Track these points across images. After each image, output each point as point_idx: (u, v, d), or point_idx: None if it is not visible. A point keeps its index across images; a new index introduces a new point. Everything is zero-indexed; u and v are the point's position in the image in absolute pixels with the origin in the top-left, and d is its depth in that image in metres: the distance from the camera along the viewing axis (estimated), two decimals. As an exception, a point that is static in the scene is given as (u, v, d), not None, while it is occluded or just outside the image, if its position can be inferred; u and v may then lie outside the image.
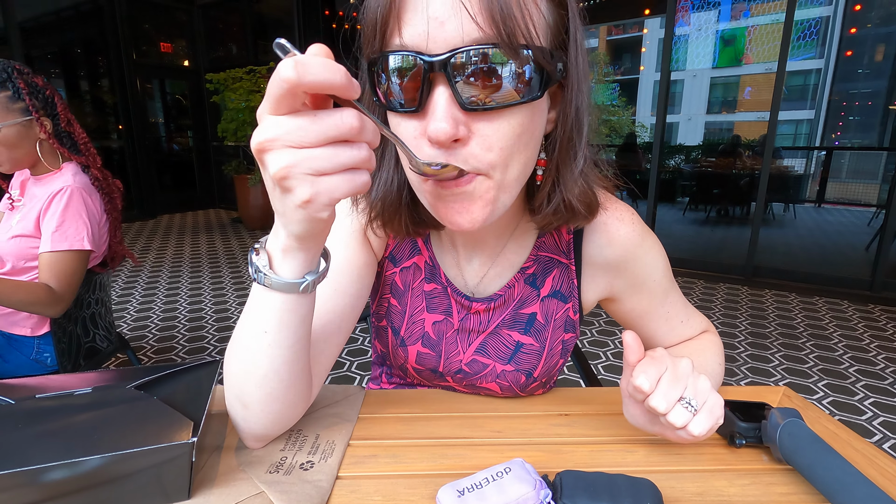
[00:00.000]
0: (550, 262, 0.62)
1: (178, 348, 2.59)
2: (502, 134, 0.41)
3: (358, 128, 0.32)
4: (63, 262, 1.22)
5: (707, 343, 0.67)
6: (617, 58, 24.93)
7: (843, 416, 1.99)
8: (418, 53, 0.39)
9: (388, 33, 0.40)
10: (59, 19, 6.01)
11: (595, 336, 2.79)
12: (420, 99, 0.40)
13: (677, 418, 0.44)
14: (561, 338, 0.63)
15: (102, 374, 0.51)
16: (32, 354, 1.34)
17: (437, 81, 0.39)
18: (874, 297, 3.36)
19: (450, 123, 0.39)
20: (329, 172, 0.32)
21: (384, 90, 0.42)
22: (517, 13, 0.38)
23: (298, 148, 0.31)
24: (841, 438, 0.55)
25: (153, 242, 5.16)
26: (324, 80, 0.29)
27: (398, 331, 0.65)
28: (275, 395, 0.47)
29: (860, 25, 18.00)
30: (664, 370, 0.45)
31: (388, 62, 0.41)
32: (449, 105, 0.39)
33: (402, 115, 0.42)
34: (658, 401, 0.44)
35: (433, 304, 0.63)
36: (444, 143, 0.40)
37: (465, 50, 0.38)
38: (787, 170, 7.52)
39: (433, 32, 0.38)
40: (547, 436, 0.56)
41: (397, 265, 0.64)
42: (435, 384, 0.68)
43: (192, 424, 0.42)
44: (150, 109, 6.92)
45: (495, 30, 0.37)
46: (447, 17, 0.38)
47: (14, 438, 0.40)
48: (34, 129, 1.24)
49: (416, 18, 0.38)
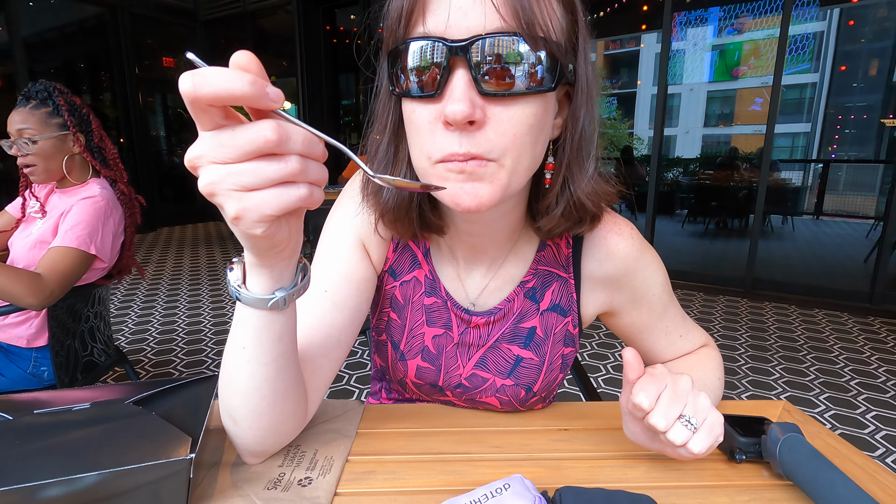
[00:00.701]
0: (550, 275, 0.62)
1: (175, 361, 2.58)
2: (517, 121, 0.43)
3: (275, 140, 0.30)
4: (62, 257, 1.23)
5: (706, 357, 0.66)
6: (615, 72, 25.20)
7: (845, 429, 1.97)
8: (440, 39, 0.40)
9: (413, 22, 0.42)
10: (63, 34, 6.08)
11: (595, 349, 2.78)
12: (439, 83, 0.41)
13: (677, 436, 0.44)
14: (560, 352, 0.63)
15: (101, 389, 0.51)
16: (29, 368, 1.34)
17: (456, 66, 0.41)
18: (874, 309, 3.36)
19: (468, 105, 0.40)
20: (256, 188, 0.31)
21: (402, 77, 0.43)
22: (536, 8, 0.40)
23: (222, 164, 0.31)
24: (841, 453, 0.55)
25: (152, 255, 5.16)
26: (223, 91, 0.28)
27: (398, 345, 0.65)
28: (259, 411, 0.46)
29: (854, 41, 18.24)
30: (664, 387, 0.45)
31: (410, 49, 0.42)
32: (467, 88, 0.41)
33: (420, 101, 0.44)
34: (658, 418, 0.44)
35: (433, 317, 0.63)
36: (461, 123, 0.41)
37: (487, 37, 0.40)
38: (785, 182, 7.56)
39: (456, 20, 0.40)
40: (547, 451, 0.55)
41: (397, 279, 0.64)
42: (434, 399, 0.68)
43: (191, 440, 0.42)
44: (151, 123, 6.98)
45: (516, 20, 0.39)
46: (470, 6, 0.40)
47: (12, 455, 0.40)
48: (69, 143, 1.32)
49: (440, 7, 0.40)
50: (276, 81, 5.79)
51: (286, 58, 6.51)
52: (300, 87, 6.07)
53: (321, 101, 6.30)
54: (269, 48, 6.76)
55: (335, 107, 6.59)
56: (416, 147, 0.47)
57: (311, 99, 6.17)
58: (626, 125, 20.70)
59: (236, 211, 0.32)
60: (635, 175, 6.94)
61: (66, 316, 1.32)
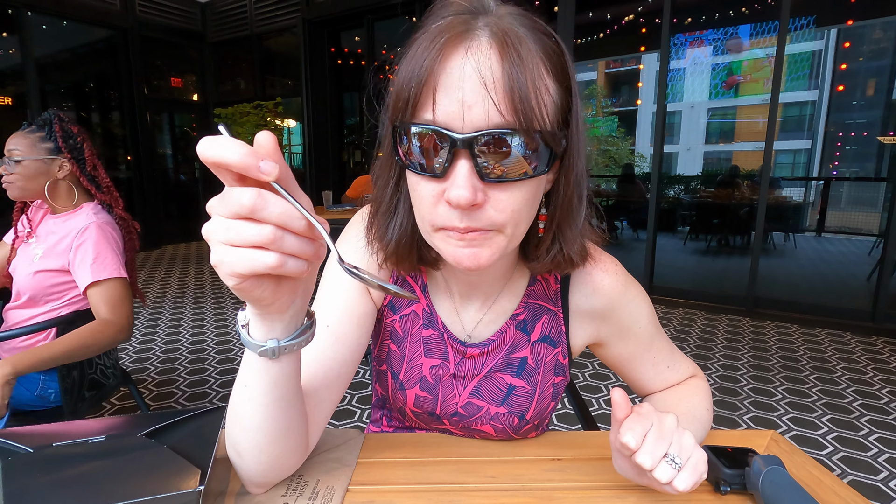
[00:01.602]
0: (540, 308, 0.66)
1: (179, 381, 2.59)
2: (514, 200, 0.47)
3: (249, 207, 0.33)
4: (110, 290, 1.31)
5: (694, 389, 0.69)
6: (615, 90, 25.48)
7: (848, 451, 1.97)
8: (448, 130, 0.44)
9: (420, 107, 0.45)
10: (75, 56, 6.24)
11: (597, 369, 2.78)
12: (444, 167, 0.45)
13: (662, 474, 0.46)
14: (551, 381, 0.66)
15: (114, 420, 0.53)
16: (37, 390, 1.36)
17: (461, 155, 0.45)
18: (877, 328, 3.35)
19: (470, 191, 0.44)
20: (234, 244, 0.34)
21: (407, 152, 0.47)
22: (533, 102, 0.43)
23: (219, 216, 0.34)
24: (825, 484, 0.57)
25: (157, 272, 5.21)
26: (219, 158, 0.32)
27: (397, 375, 0.67)
28: (260, 447, 0.48)
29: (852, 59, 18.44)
30: (650, 426, 0.48)
31: (417, 132, 0.46)
32: (470, 175, 0.45)
33: (424, 178, 0.47)
34: (644, 457, 0.46)
35: (430, 349, 0.66)
36: (464, 207, 0.45)
37: (489, 133, 0.44)
38: (786, 199, 7.58)
39: (462, 114, 0.44)
40: (539, 481, 0.57)
41: (397, 313, 0.67)
42: (433, 427, 0.70)
43: (199, 473, 0.45)
44: (158, 141, 7.10)
45: (514, 117, 0.43)
46: (474, 103, 0.43)
47: (32, 485, 0.42)
48: (54, 167, 1.35)
49: (448, 100, 0.44)
50: (281, 101, 5.92)
51: (292, 78, 6.65)
52: (305, 107, 6.18)
53: (325, 120, 6.40)
54: (276, 69, 6.90)
55: (339, 125, 6.69)
56: (419, 213, 0.51)
57: (316, 118, 6.28)
58: (628, 143, 20.85)
59: (215, 259, 0.35)
60: (635, 192, 7.00)
61: (74, 339, 1.34)
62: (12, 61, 5.49)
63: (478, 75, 0.43)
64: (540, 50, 0.45)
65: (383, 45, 5.96)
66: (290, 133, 6.95)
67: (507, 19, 0.45)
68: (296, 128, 6.85)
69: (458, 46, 0.44)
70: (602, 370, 2.76)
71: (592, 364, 2.85)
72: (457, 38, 0.44)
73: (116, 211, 1.42)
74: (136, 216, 5.34)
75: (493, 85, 0.43)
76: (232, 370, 2.72)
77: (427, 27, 0.47)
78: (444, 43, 0.44)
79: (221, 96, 7.28)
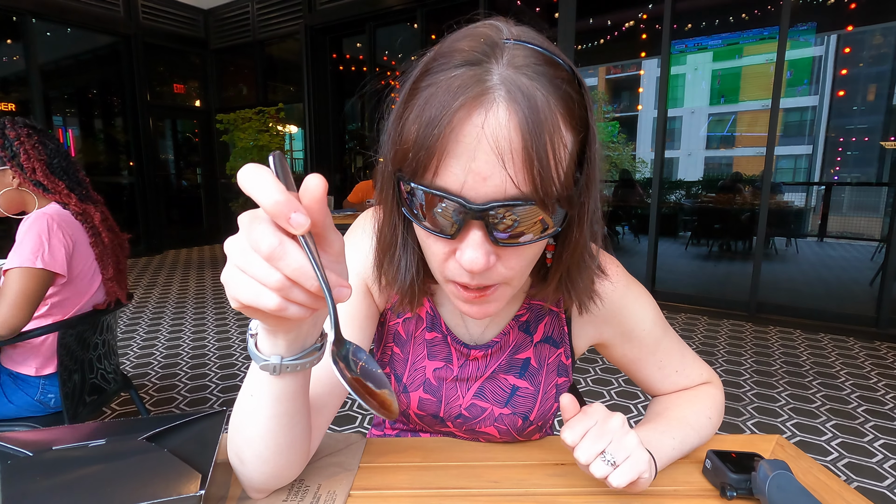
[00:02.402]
0: (542, 309, 0.66)
1: (179, 386, 2.58)
2: (524, 259, 0.47)
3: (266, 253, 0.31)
4: (11, 281, 1.23)
5: (702, 395, 0.68)
6: (616, 96, 25.57)
7: (853, 457, 1.95)
8: (462, 200, 0.41)
9: (430, 171, 0.42)
10: (78, 62, 6.28)
11: (598, 374, 2.77)
12: (455, 232, 0.43)
13: (596, 470, 0.48)
14: (554, 381, 0.66)
15: (115, 424, 0.53)
16: (37, 395, 1.36)
17: (473, 224, 0.43)
18: (880, 333, 3.33)
19: (484, 258, 0.43)
20: (244, 271, 0.33)
21: (415, 207, 0.44)
22: (552, 171, 0.40)
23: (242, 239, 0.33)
24: (832, 489, 0.56)
25: (158, 278, 5.21)
26: (252, 194, 0.31)
27: (401, 377, 0.67)
28: (263, 457, 0.48)
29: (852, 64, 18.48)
30: (592, 424, 0.50)
31: (426, 195, 0.42)
32: (482, 242, 0.43)
33: (434, 236, 0.46)
34: (580, 453, 0.49)
35: (434, 351, 0.66)
36: (477, 272, 0.44)
37: (505, 204, 0.41)
38: (788, 204, 7.58)
39: (475, 184, 0.41)
40: (543, 486, 0.57)
41: (400, 316, 0.67)
42: (436, 430, 0.70)
43: (200, 477, 0.44)
44: (161, 147, 7.13)
45: (532, 188, 0.40)
46: (490, 174, 0.40)
47: (32, 489, 0.42)
48: (7, 177, 1.34)
49: (458, 167, 0.40)
50: (283, 107, 5.94)
51: (294, 84, 6.69)
52: (307, 113, 6.21)
53: (327, 126, 6.43)
54: (278, 75, 6.94)
55: (341, 131, 6.72)
56: (430, 264, 0.50)
57: (318, 124, 6.30)
58: (629, 148, 20.89)
59: (225, 277, 0.34)
60: (636, 198, 7.01)
61: (75, 344, 1.34)
62: (16, 68, 5.53)
63: (495, 147, 0.39)
64: (559, 103, 0.41)
65: (385, 51, 6.00)
66: (292, 139, 6.98)
67: (524, 71, 0.40)
68: (297, 133, 6.87)
69: (473, 113, 0.40)
70: (604, 375, 2.75)
71: (595, 370, 2.83)
72: (472, 103, 0.39)
73: (71, 207, 1.37)
74: (138, 222, 5.31)
75: (511, 157, 0.39)
76: (233, 376, 2.72)
77: (436, 77, 0.42)
78: (458, 108, 0.39)
79: (224, 102, 7.32)
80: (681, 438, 0.59)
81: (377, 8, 5.51)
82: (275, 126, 5.70)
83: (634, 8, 5.07)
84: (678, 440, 0.59)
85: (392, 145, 0.45)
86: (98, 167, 6.51)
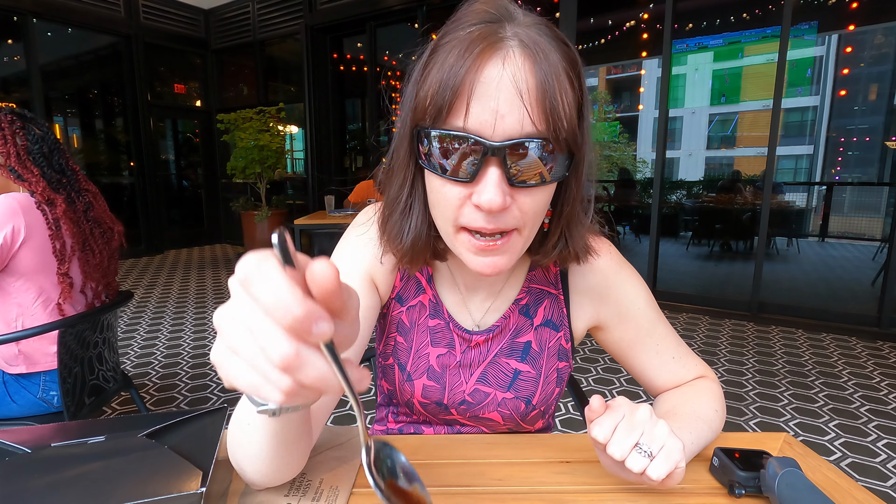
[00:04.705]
0: (541, 293, 0.68)
1: (180, 386, 2.58)
2: (536, 203, 0.50)
3: (280, 364, 0.25)
4: None
5: (703, 388, 0.67)
6: (616, 96, 25.54)
7: (856, 457, 1.94)
8: (481, 138, 0.45)
9: (452, 114, 0.46)
10: (79, 62, 6.28)
11: (601, 374, 2.76)
12: (473, 173, 0.47)
13: (634, 464, 0.47)
14: (555, 366, 0.68)
15: (114, 421, 0.52)
16: (39, 393, 1.35)
17: (492, 162, 0.46)
18: (883, 333, 3.32)
19: (501, 197, 0.46)
20: (246, 362, 0.26)
21: (432, 156, 0.48)
22: (561, 111, 0.45)
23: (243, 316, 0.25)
24: (841, 487, 0.55)
25: (159, 277, 5.20)
26: (255, 297, 0.25)
27: (404, 366, 0.68)
28: (263, 471, 0.48)
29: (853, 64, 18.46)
30: (621, 418, 0.48)
31: (446, 138, 0.46)
32: (500, 181, 0.46)
33: (450, 181, 0.48)
34: (614, 448, 0.47)
35: (437, 338, 0.68)
36: (495, 211, 0.47)
37: (521, 141, 0.45)
38: (789, 204, 7.56)
39: (495, 122, 0.45)
40: (548, 484, 0.56)
41: (404, 304, 0.68)
42: (440, 419, 0.70)
43: (201, 474, 0.44)
44: (161, 147, 7.13)
45: (546, 125, 0.45)
46: (508, 112, 0.45)
47: (30, 487, 0.41)
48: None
49: (481, 108, 0.45)
50: (284, 107, 5.94)
51: (294, 84, 6.69)
52: (307, 113, 6.20)
53: (328, 126, 6.43)
54: (278, 75, 6.93)
55: (341, 131, 6.71)
56: (441, 214, 0.52)
57: (318, 124, 6.30)
58: (630, 148, 20.85)
59: (216, 359, 0.27)
60: (636, 198, 7.00)
61: (74, 343, 1.34)
62: (17, 68, 5.52)
63: (514, 85, 0.44)
64: (563, 58, 0.46)
65: (385, 51, 5.99)
66: (293, 139, 6.97)
67: (533, 29, 0.47)
68: (298, 133, 6.87)
69: (493, 56, 0.45)
70: (606, 375, 2.74)
71: (596, 369, 2.83)
72: (491, 49, 0.45)
73: (37, 195, 1.33)
74: (139, 222, 5.29)
75: (528, 95, 0.44)
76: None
77: (455, 34, 0.47)
78: (480, 52, 0.44)
79: (224, 102, 7.31)
80: (696, 433, 0.59)
81: (378, 8, 5.50)
82: (275, 126, 5.70)
83: (635, 8, 5.06)
84: (694, 435, 0.58)
85: (412, 103, 0.49)
86: (99, 167, 6.50)
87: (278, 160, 5.67)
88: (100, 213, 1.47)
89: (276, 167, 5.74)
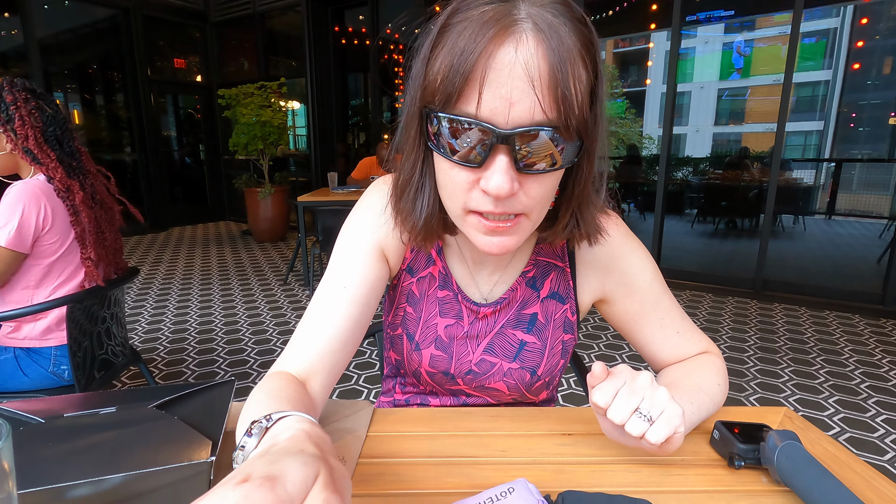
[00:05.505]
0: (548, 265, 0.69)
1: (188, 360, 2.62)
2: (544, 188, 0.50)
3: None
4: None
5: (707, 362, 0.68)
6: (624, 70, 25.04)
7: (855, 433, 1.97)
8: (491, 125, 0.45)
9: (462, 100, 0.45)
10: (77, 36, 6.18)
11: (603, 350, 2.78)
12: (482, 159, 0.46)
13: (633, 428, 0.47)
14: (561, 338, 0.69)
15: (125, 392, 0.53)
16: (50, 367, 1.38)
17: (501, 149, 0.46)
18: (886, 311, 3.32)
19: (509, 183, 0.46)
20: None
21: (441, 139, 0.48)
22: (573, 98, 0.44)
23: None
24: (840, 460, 0.56)
25: (164, 255, 5.24)
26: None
27: (413, 336, 0.70)
28: None
29: (868, 37, 17.95)
30: (622, 384, 0.49)
31: (456, 123, 0.46)
32: (508, 167, 0.46)
33: (459, 166, 0.48)
34: (614, 413, 0.48)
35: (445, 309, 0.69)
36: (503, 197, 0.47)
37: (531, 129, 0.45)
38: (797, 182, 7.48)
39: (505, 109, 0.44)
40: (550, 455, 0.57)
41: (414, 276, 0.70)
42: (447, 389, 0.72)
43: (211, 444, 0.44)
44: (163, 124, 7.07)
45: (557, 113, 0.44)
46: (519, 99, 0.44)
47: (44, 455, 0.42)
48: (2, 141, 1.32)
49: (492, 95, 0.44)
50: (285, 82, 5.85)
51: (295, 58, 6.57)
52: (309, 88, 6.12)
53: (330, 101, 6.34)
54: (279, 49, 6.81)
55: (344, 106, 6.63)
56: (450, 197, 0.52)
57: (320, 99, 6.22)
58: (637, 124, 20.56)
59: None
60: (642, 174, 6.93)
61: (82, 317, 1.35)
62: (15, 42, 5.45)
63: (525, 73, 0.43)
64: (578, 40, 0.45)
65: (387, 23, 5.86)
66: (295, 115, 6.90)
67: (549, 9, 0.45)
68: (300, 109, 6.79)
69: (505, 41, 0.43)
70: (608, 351, 2.77)
71: (599, 346, 2.85)
72: (503, 33, 0.43)
73: (56, 182, 1.34)
74: (142, 200, 5.29)
75: (540, 82, 0.43)
76: (240, 350, 2.75)
77: (466, 13, 0.45)
78: (493, 36, 0.43)
79: (225, 77, 7.21)
80: (698, 404, 0.59)
81: (380, -22, 5.36)
82: (277, 101, 5.63)
83: (645, -23, 4.91)
84: (696, 405, 0.59)
85: (421, 82, 0.48)
86: (100, 144, 6.47)
87: (280, 136, 5.61)
88: (103, 194, 1.48)
89: (279, 143, 5.69)
